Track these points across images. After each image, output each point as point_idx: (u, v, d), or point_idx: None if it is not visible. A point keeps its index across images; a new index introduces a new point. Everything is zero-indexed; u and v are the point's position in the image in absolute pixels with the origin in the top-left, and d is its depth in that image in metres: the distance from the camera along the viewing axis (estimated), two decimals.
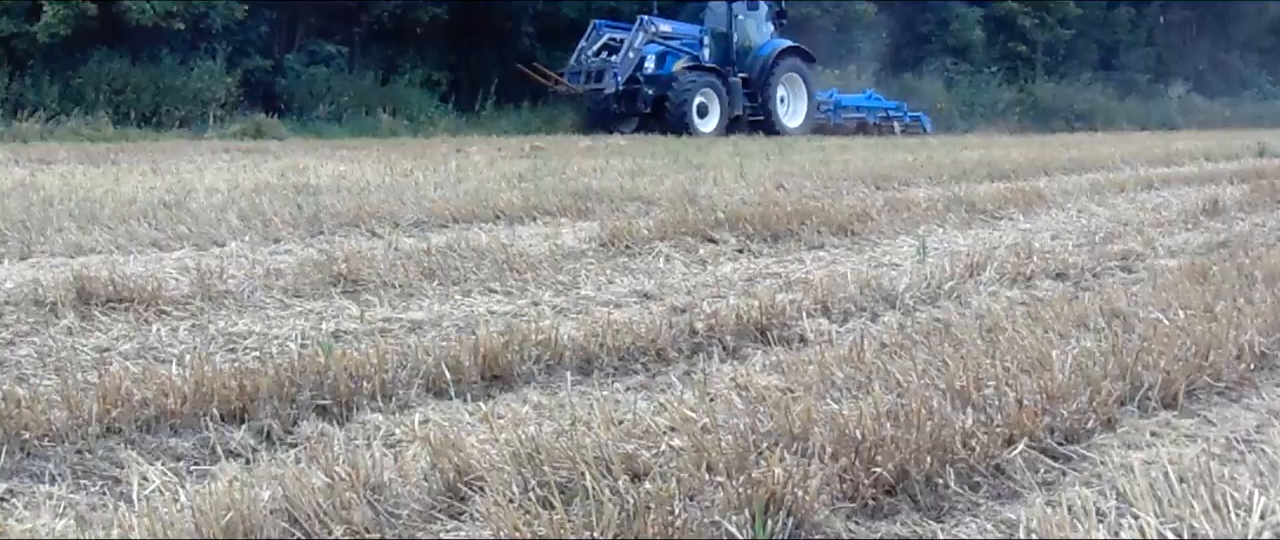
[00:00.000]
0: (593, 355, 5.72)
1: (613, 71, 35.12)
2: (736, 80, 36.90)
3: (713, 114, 35.54)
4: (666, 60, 36.58)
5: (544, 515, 3.51)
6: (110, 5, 30.90)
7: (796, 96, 38.57)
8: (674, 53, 36.84)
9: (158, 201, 11.66)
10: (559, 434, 4.15)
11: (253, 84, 34.45)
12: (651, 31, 36.14)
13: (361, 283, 7.52)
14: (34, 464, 4.22)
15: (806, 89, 38.71)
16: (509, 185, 13.99)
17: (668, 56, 36.66)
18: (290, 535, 3.51)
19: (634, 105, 35.47)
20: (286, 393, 4.87)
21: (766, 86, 37.56)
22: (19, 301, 6.73)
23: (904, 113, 42.11)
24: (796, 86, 38.62)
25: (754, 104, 37.37)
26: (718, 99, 35.76)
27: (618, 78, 34.99)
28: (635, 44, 35.74)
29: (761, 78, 37.61)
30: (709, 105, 35.58)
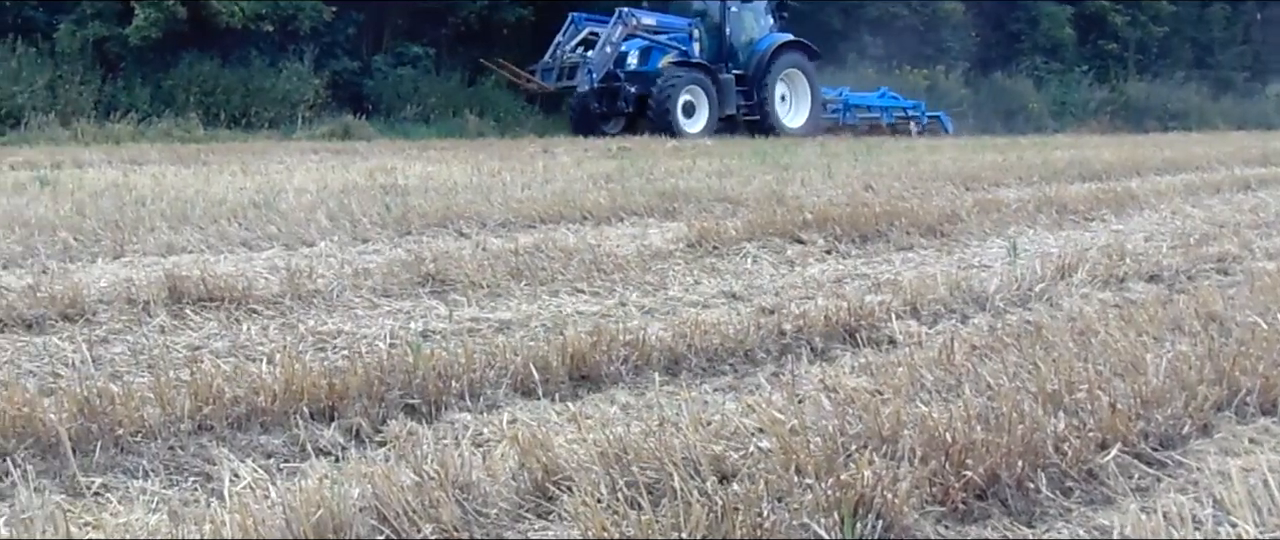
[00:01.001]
0: (680, 356, 5.71)
1: (587, 68, 33.05)
2: (729, 77, 34.57)
3: (701, 113, 33.34)
4: (652, 55, 34.30)
5: (632, 516, 3.51)
6: (200, 7, 31.11)
7: (799, 95, 36.06)
8: (660, 48, 34.51)
9: (248, 202, 11.73)
10: (647, 434, 4.15)
11: (340, 85, 34.61)
12: (632, 25, 34.04)
13: (449, 282, 7.54)
14: (128, 460, 4.26)
15: (810, 87, 36.19)
16: (596, 186, 14.00)
17: (653, 51, 34.39)
18: (379, 533, 3.51)
19: (615, 104, 33.70)
20: (376, 391, 4.89)
21: (763, 84, 35.10)
22: (113, 300, 6.79)
23: (922, 112, 39.68)
24: (799, 84, 36.12)
25: (749, 102, 35.07)
26: (706, 97, 33.53)
27: (593, 75, 32.97)
28: (613, 38, 33.61)
29: (758, 74, 35.21)
30: (696, 104, 33.37)
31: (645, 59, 34.06)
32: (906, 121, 38.89)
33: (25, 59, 29.55)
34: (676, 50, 34.37)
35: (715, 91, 33.67)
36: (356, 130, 30.43)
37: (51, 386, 5.11)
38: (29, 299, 6.62)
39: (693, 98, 33.22)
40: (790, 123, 35.24)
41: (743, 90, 34.90)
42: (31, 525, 3.52)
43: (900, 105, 39.55)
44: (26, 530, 3.49)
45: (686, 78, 33.31)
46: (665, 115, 32.16)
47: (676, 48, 34.43)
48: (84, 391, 4.63)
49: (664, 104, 32.35)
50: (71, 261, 8.40)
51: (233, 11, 31.47)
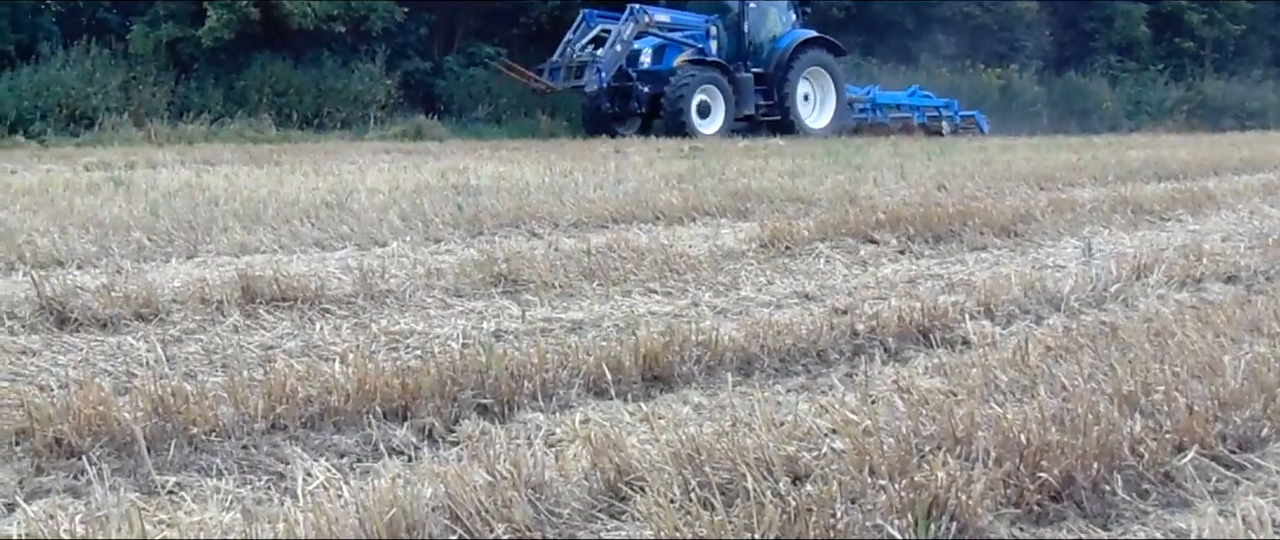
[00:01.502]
0: (753, 356, 5.70)
1: (596, 67, 31.51)
2: (747, 76, 33.02)
3: (717, 113, 31.87)
4: (666, 54, 32.82)
5: (705, 516, 3.50)
6: (273, 8, 31.28)
7: (824, 94, 34.39)
8: (675, 46, 33.01)
9: (320, 202, 11.78)
10: (720, 435, 4.13)
11: (412, 86, 34.71)
12: (644, 22, 32.40)
13: (522, 283, 7.55)
14: (202, 458, 4.28)
15: (835, 86, 34.49)
16: (668, 186, 13.99)
17: (667, 50, 32.92)
18: (452, 533, 3.52)
19: (628, 104, 32.44)
20: (448, 391, 4.89)
21: (784, 82, 33.46)
22: (186, 300, 6.82)
23: (955, 111, 37.78)
24: (823, 83, 34.41)
25: (769, 102, 33.44)
26: (722, 97, 32.01)
27: (602, 74, 31.45)
28: (624, 36, 32.02)
29: (778, 73, 33.54)
30: (711, 104, 31.85)
31: (659, 57, 32.85)
32: (938, 121, 37.14)
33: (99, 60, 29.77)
34: (692, 48, 33.01)
35: (732, 91, 32.37)
36: (428, 130, 30.52)
37: (126, 385, 5.14)
38: (104, 298, 6.66)
39: (708, 98, 31.96)
40: (814, 123, 33.91)
41: (762, 89, 33.55)
42: (107, 523, 3.54)
43: (932, 104, 37.91)
44: (102, 528, 3.51)
45: (701, 77, 32.03)
46: (678, 116, 31.09)
47: (692, 46, 33.10)
48: (158, 390, 4.65)
49: (677, 104, 31.26)
50: (145, 261, 8.45)
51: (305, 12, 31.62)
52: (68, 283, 7.03)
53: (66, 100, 28.34)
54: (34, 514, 3.69)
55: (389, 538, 3.43)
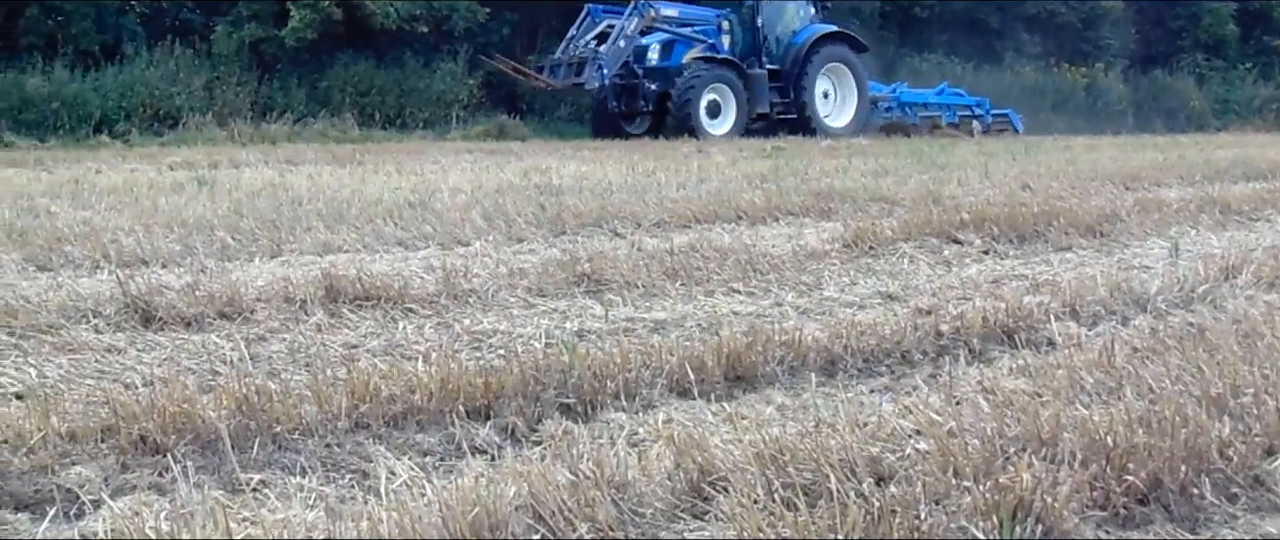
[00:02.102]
0: (836, 357, 5.68)
1: (597, 64, 30.31)
2: (761, 73, 31.81)
3: (728, 113, 30.59)
4: (675, 50, 31.60)
5: (788, 517, 3.48)
6: (355, 9, 31.44)
7: (844, 92, 33.15)
8: (684, 42, 31.80)
9: (403, 201, 11.83)
10: (803, 435, 4.12)
11: (495, 85, 34.82)
12: (650, 16, 31.28)
13: (604, 282, 7.55)
14: (285, 456, 4.30)
15: (856, 83, 33.24)
16: (750, 185, 13.98)
17: (676, 46, 31.68)
18: (535, 532, 3.51)
19: (635, 103, 31.13)
20: (531, 391, 4.90)
21: (801, 79, 32.18)
22: (270, 298, 6.86)
23: (986, 110, 36.44)
24: (844, 80, 33.16)
25: (785, 100, 32.18)
26: (734, 95, 30.67)
27: (603, 72, 30.22)
28: (628, 31, 30.86)
29: (795, 70, 32.30)
30: (722, 103, 30.57)
31: (667, 54, 31.65)
32: (969, 121, 35.92)
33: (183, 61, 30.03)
34: (703, 44, 31.81)
35: (744, 89, 31.05)
36: (511, 130, 30.66)
37: (210, 384, 5.17)
38: (188, 297, 6.71)
39: (719, 96, 30.70)
40: (834, 122, 32.64)
41: (778, 87, 32.32)
42: (191, 520, 3.55)
43: (963, 103, 36.68)
44: (186, 525, 3.52)
45: (711, 74, 30.77)
46: (686, 115, 29.91)
47: (703, 41, 31.90)
48: (242, 389, 4.68)
49: (685, 103, 30.03)
50: (229, 260, 8.51)
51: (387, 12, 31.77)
52: (152, 281, 7.08)
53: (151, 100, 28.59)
54: (119, 510, 3.71)
55: (472, 537, 3.44)
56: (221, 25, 31.67)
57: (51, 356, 5.77)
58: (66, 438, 4.34)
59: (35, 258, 8.45)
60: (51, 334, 6.13)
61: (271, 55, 31.65)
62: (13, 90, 27.22)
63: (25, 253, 8.58)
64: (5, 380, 5.31)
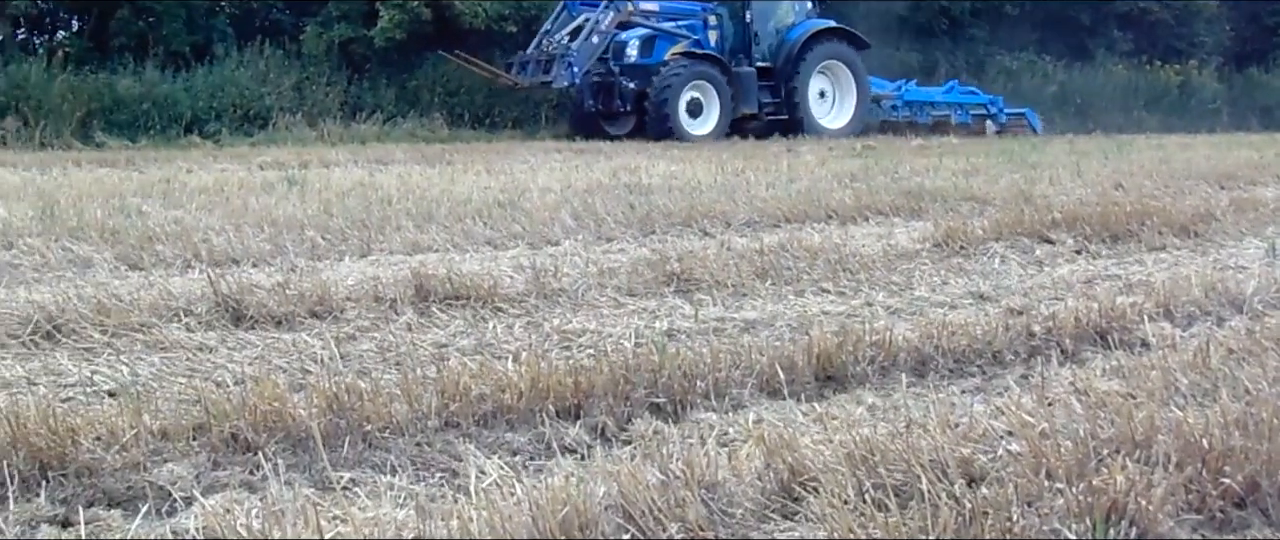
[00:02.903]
0: (927, 357, 5.65)
1: (566, 61, 28.22)
2: (748, 70, 29.67)
3: (710, 113, 28.54)
4: (656, 46, 29.25)
5: (879, 518, 3.47)
6: (444, 9, 31.49)
7: (842, 91, 30.92)
8: (667, 37, 29.42)
9: (492, 201, 11.85)
10: (894, 436, 4.09)
11: None
12: (627, 11, 29.16)
13: (694, 282, 7.54)
14: (375, 455, 4.31)
15: (856, 81, 30.95)
16: (840, 184, 13.93)
17: (658, 41, 29.34)
18: (624, 532, 3.51)
19: (612, 102, 28.91)
20: (621, 390, 4.90)
21: (793, 78, 29.93)
22: (360, 298, 6.89)
23: (999, 108, 33.92)
24: (841, 78, 30.89)
25: (776, 99, 30.01)
26: (717, 94, 28.55)
27: (573, 69, 28.11)
28: (602, 26, 28.84)
29: (788, 67, 30.04)
30: (704, 102, 28.48)
31: (648, 50, 29.22)
32: (981, 120, 33.51)
33: (273, 61, 30.13)
34: (688, 40, 29.52)
35: (728, 87, 28.89)
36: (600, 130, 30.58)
37: (301, 382, 5.20)
38: (279, 296, 6.75)
39: (700, 94, 28.54)
40: (830, 122, 30.46)
41: (769, 85, 30.11)
42: (282, 518, 3.56)
43: (976, 101, 34.02)
44: (278, 523, 3.54)
45: (691, 72, 28.64)
46: (663, 115, 27.89)
47: (687, 37, 29.60)
48: (333, 387, 4.71)
49: (662, 102, 27.91)
50: (319, 260, 8.56)
51: (476, 12, 31.77)
52: (243, 280, 7.13)
53: (241, 100, 28.70)
54: (211, 508, 3.73)
55: (562, 536, 3.43)
56: (311, 26, 31.78)
57: (144, 354, 5.82)
58: (159, 435, 4.37)
59: (127, 256, 8.52)
60: (144, 332, 6.18)
61: (361, 55, 31.73)
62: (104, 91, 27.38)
63: (117, 251, 8.66)
64: (98, 378, 5.36)
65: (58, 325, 6.22)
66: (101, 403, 4.94)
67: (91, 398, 5.09)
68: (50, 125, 25.53)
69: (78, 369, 5.52)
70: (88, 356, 5.81)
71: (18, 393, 5.05)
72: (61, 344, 6.01)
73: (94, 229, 9.64)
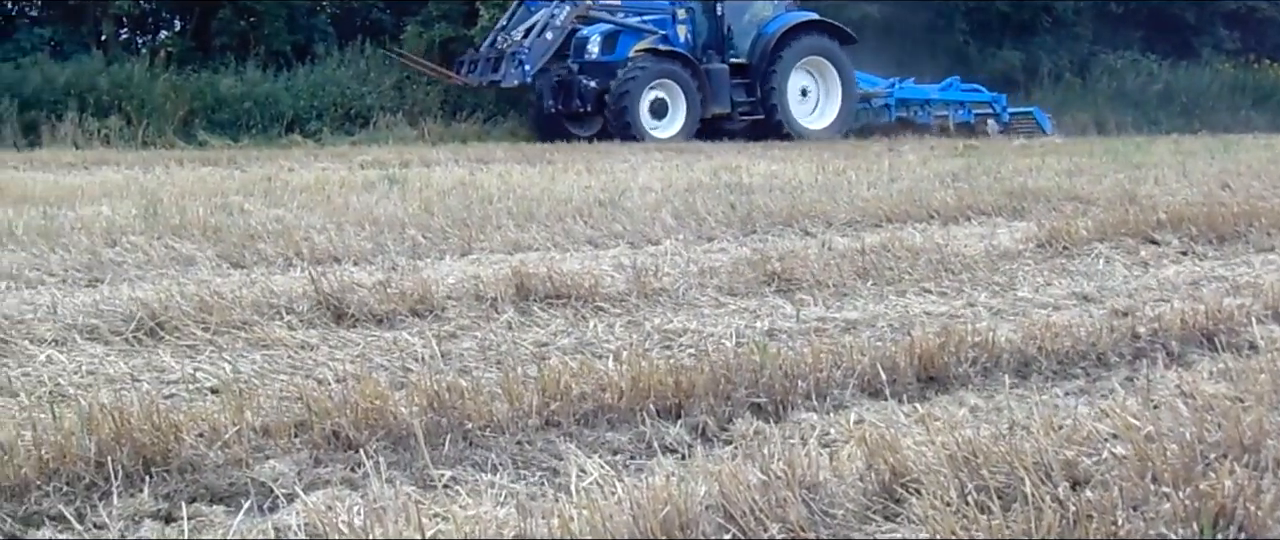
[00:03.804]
0: (1030, 358, 5.60)
1: (517, 59, 26.74)
2: (721, 67, 28.03)
3: (676, 113, 27.02)
4: (619, 42, 27.69)
5: (981, 520, 3.44)
6: None
7: (827, 89, 29.23)
8: (631, 32, 27.85)
9: (593, 200, 11.87)
10: (997, 438, 4.06)
11: None
12: (584, 6, 27.83)
13: (795, 281, 7.52)
14: (476, 453, 4.32)
15: (841, 79, 29.17)
16: (942, 184, 13.87)
17: (621, 37, 27.77)
18: (725, 532, 3.49)
19: (571, 102, 27.25)
20: (722, 390, 4.88)
21: (770, 75, 28.24)
22: (461, 296, 6.92)
23: (1002, 107, 31.99)
24: (826, 76, 29.20)
25: (752, 98, 28.34)
26: (683, 93, 27.01)
27: (525, 67, 26.61)
28: (557, 21, 27.36)
29: (764, 64, 28.34)
30: (669, 101, 26.94)
31: (610, 46, 27.70)
32: (982, 119, 31.63)
33: (373, 60, 30.31)
34: (655, 36, 27.88)
35: (696, 86, 27.30)
36: None
37: (402, 380, 5.22)
38: (380, 295, 6.78)
39: (665, 94, 27.00)
40: (813, 123, 28.83)
41: (743, 83, 28.44)
42: (384, 515, 3.57)
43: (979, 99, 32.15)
44: (379, 520, 3.54)
45: (654, 69, 27.07)
46: (623, 115, 26.38)
47: (654, 32, 27.95)
48: (434, 385, 4.72)
49: (621, 102, 26.42)
50: (420, 258, 8.59)
51: None
52: (344, 279, 7.16)
53: (341, 100, 28.86)
54: (313, 505, 3.74)
55: (663, 536, 3.42)
56: (411, 25, 31.91)
57: (245, 352, 5.86)
58: (260, 432, 4.40)
59: (229, 255, 8.59)
60: (245, 330, 6.22)
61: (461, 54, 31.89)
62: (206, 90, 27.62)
63: (220, 249, 8.73)
64: (201, 375, 5.40)
65: (161, 322, 6.27)
66: (204, 399, 4.98)
67: (194, 394, 5.12)
68: (153, 124, 25.78)
69: (181, 366, 5.57)
70: (190, 353, 5.85)
71: (122, 389, 5.10)
72: (164, 341, 6.06)
73: (196, 227, 9.72)
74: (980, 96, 32.22)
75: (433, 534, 3.50)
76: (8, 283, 7.63)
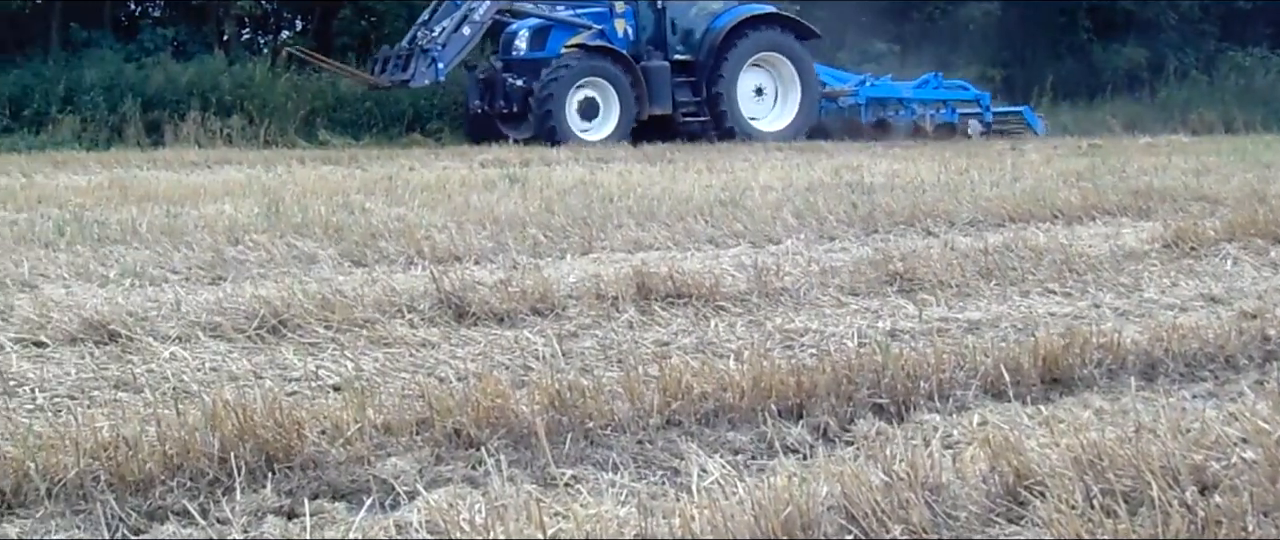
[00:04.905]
0: (1157, 360, 5.54)
1: (429, 56, 24.82)
2: (660, 64, 25.61)
3: (609, 114, 24.84)
4: (551, 38, 25.45)
5: (1108, 524, 3.39)
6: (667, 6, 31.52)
7: (785, 88, 26.79)
8: (564, 28, 25.63)
9: (713, 199, 11.87)
10: (1123, 441, 4.00)
11: None
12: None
13: (917, 281, 7.48)
14: (597, 452, 4.33)
15: (800, 77, 26.73)
16: (1066, 183, 13.74)
17: (553, 32, 25.53)
18: (847, 533, 3.48)
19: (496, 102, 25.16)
20: (843, 390, 4.86)
21: (717, 73, 25.87)
22: (581, 295, 6.93)
23: (985, 106, 29.48)
24: (783, 74, 26.80)
25: (697, 97, 26.00)
26: (617, 92, 24.78)
27: (438, 66, 24.77)
28: (475, 16, 25.40)
29: (711, 60, 25.96)
30: (601, 101, 24.77)
31: (540, 42, 25.52)
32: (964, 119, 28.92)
33: None
34: (590, 31, 25.59)
35: (631, 85, 25.03)
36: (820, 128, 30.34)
37: (523, 379, 5.23)
38: (501, 293, 6.80)
39: (596, 93, 24.84)
40: (767, 124, 26.46)
41: (688, 82, 26.10)
42: (505, 513, 3.58)
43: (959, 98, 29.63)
44: (500, 518, 3.55)
45: (582, 67, 24.87)
46: (548, 117, 24.25)
47: (589, 28, 25.63)
48: (555, 384, 4.73)
49: (545, 102, 24.26)
50: (541, 257, 8.61)
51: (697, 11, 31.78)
52: (465, 277, 7.19)
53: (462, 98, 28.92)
54: (434, 502, 3.75)
55: (784, 536, 3.40)
56: None
57: (367, 350, 5.90)
58: (382, 430, 4.43)
59: (351, 253, 8.66)
60: (367, 328, 6.27)
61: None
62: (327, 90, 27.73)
63: (341, 248, 8.79)
64: (323, 373, 5.44)
65: (283, 320, 6.33)
66: (326, 397, 5.01)
67: (316, 392, 5.16)
68: (274, 123, 25.92)
69: (303, 363, 5.61)
70: (312, 351, 5.90)
71: (245, 386, 5.15)
72: (287, 338, 6.12)
73: (318, 225, 9.81)
74: (963, 94, 29.95)
75: (553, 533, 3.50)
76: (132, 280, 7.73)
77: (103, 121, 25.06)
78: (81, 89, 25.59)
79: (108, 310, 6.50)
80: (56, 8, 28.55)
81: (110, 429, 4.29)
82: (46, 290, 7.43)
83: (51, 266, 8.17)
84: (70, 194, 13.30)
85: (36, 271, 8.01)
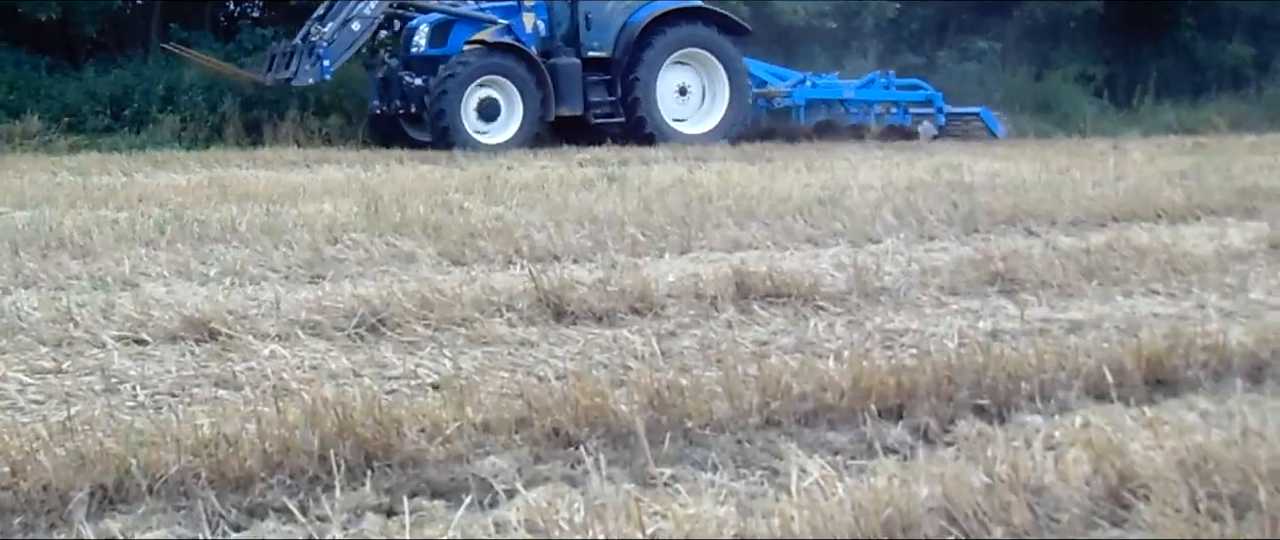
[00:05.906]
0: (1264, 363, 5.46)
1: (315, 54, 23.08)
2: (570, 62, 23.70)
3: (510, 116, 22.91)
4: (452, 34, 23.63)
5: (1213, 528, 3.35)
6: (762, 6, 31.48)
7: (713, 87, 24.84)
8: (467, 24, 23.81)
9: (812, 198, 11.83)
10: (1229, 444, 3.96)
11: None
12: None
13: (1018, 281, 7.42)
14: (696, 452, 4.32)
15: (729, 76, 24.75)
16: (1170, 183, 13.59)
17: (455, 28, 23.72)
18: (948, 534, 3.45)
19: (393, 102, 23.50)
20: (944, 391, 4.83)
21: (634, 71, 23.96)
22: (681, 294, 6.92)
23: (938, 106, 27.74)
24: (711, 73, 24.83)
25: (612, 98, 24.07)
26: (520, 92, 22.84)
27: (324, 64, 23.00)
28: (365, 11, 23.75)
29: (628, 58, 24.05)
30: (501, 102, 22.84)
31: (440, 39, 23.75)
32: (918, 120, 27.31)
33: None
34: (496, 26, 23.64)
35: (537, 84, 23.12)
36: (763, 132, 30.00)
37: (622, 378, 5.22)
38: (599, 292, 6.81)
39: (497, 93, 22.90)
40: (690, 126, 24.55)
41: (603, 81, 24.20)
42: (604, 513, 3.57)
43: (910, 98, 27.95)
44: (599, 517, 3.54)
45: (480, 65, 22.93)
46: (440, 117, 22.39)
47: (495, 23, 23.72)
48: (654, 383, 4.72)
49: (439, 102, 22.41)
50: (639, 257, 8.61)
51: (795, 9, 31.75)
52: (564, 276, 7.20)
53: None
54: (533, 501, 3.75)
55: (885, 537, 3.38)
56: None
57: (466, 348, 5.92)
58: (481, 428, 4.43)
59: (449, 252, 8.68)
60: (466, 327, 6.29)
61: None
62: None
63: (440, 247, 8.82)
64: (422, 371, 5.45)
65: (382, 318, 6.36)
66: (425, 395, 5.02)
67: (415, 390, 5.18)
68: None
69: (402, 361, 5.63)
70: (411, 349, 5.92)
71: (344, 384, 5.17)
72: (386, 337, 6.15)
73: (417, 224, 9.85)
74: (914, 95, 28.18)
75: (652, 532, 3.49)
76: (232, 278, 7.80)
77: (202, 121, 25.09)
78: (181, 89, 25.67)
79: (208, 308, 6.56)
80: (156, 8, 28.71)
81: (211, 426, 4.32)
82: (147, 288, 7.50)
83: (152, 265, 8.25)
84: (170, 193, 13.41)
85: (138, 270, 8.09)
